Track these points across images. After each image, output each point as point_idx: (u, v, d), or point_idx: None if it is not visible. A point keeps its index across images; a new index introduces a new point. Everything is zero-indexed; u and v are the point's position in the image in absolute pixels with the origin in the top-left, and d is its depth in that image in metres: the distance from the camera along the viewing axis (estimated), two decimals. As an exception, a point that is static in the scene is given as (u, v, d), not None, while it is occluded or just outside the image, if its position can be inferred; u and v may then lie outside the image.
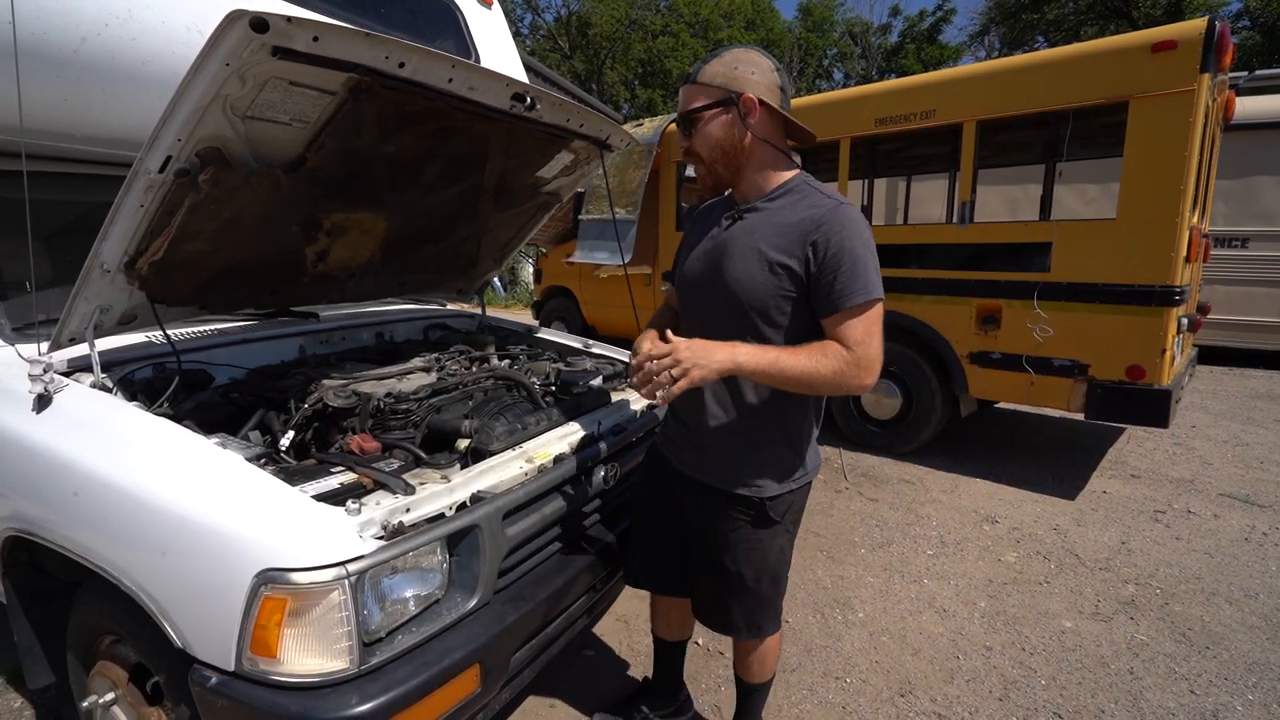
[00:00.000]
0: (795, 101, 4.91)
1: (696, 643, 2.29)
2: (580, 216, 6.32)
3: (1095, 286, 3.39)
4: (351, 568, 1.07)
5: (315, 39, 1.17)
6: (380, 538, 1.15)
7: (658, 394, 1.20)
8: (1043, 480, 3.86)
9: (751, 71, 1.28)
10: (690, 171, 6.65)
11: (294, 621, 1.05)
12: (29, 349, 1.48)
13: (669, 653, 1.86)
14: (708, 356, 1.19)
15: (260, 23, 1.08)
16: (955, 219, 3.85)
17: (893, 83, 4.15)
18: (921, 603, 2.58)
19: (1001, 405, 5.07)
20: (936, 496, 3.63)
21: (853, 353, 1.22)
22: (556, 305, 7.52)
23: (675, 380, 1.17)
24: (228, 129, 1.30)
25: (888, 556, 2.96)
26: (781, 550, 1.48)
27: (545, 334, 2.72)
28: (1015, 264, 3.65)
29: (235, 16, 1.07)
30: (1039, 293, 3.54)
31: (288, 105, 1.35)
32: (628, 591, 1.87)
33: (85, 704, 1.43)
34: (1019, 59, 3.66)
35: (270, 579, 1.04)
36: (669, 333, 1.24)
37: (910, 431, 4.19)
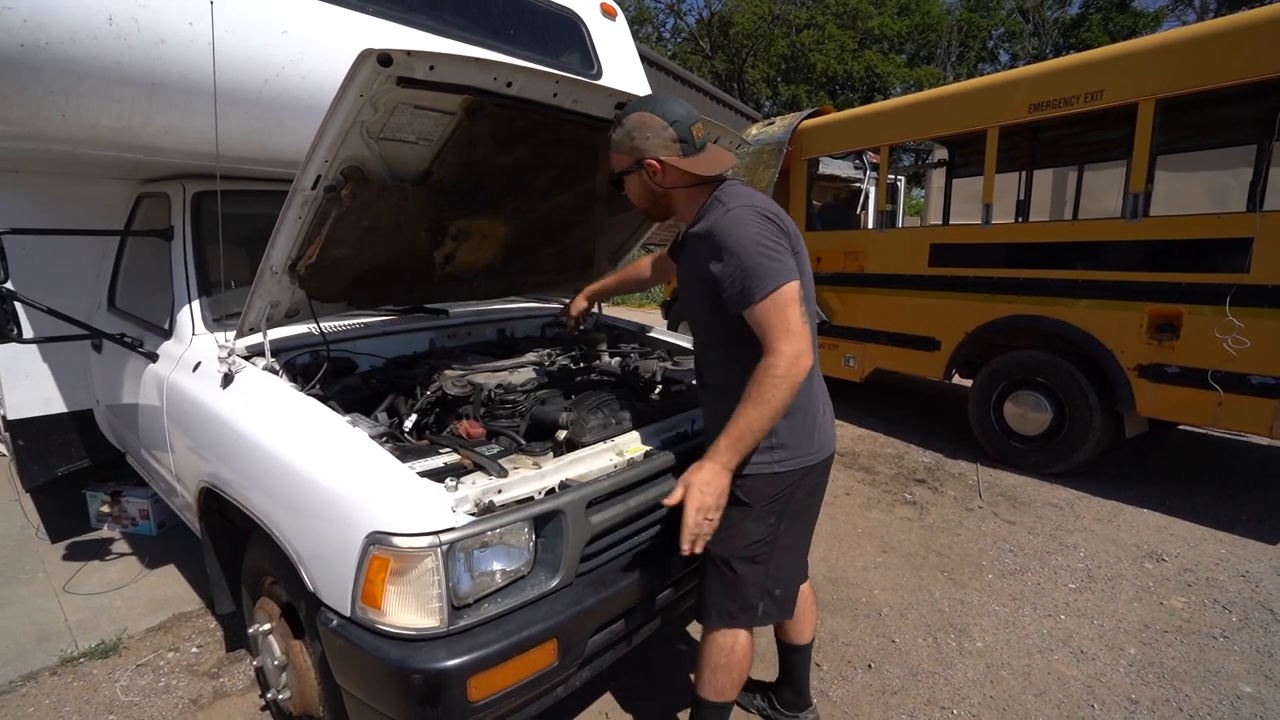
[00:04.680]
0: (930, 93, 4.60)
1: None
2: None
3: (1314, 290, 2.82)
4: (444, 538, 1.20)
5: (431, 68, 1.32)
6: (472, 514, 1.28)
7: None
8: (1234, 518, 3.28)
9: (647, 136, 1.39)
10: (823, 169, 6.42)
11: (395, 580, 1.20)
12: (222, 336, 1.82)
13: (787, 655, 1.84)
14: (711, 488, 1.27)
15: (386, 58, 1.25)
16: (1126, 213, 3.38)
17: (1049, 63, 3.72)
18: (1055, 640, 2.32)
19: (1188, 428, 4.38)
20: (1089, 525, 3.23)
21: (775, 351, 1.25)
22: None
23: (713, 522, 1.29)
24: (365, 150, 1.50)
25: (1020, 585, 2.68)
26: (749, 536, 1.44)
27: (656, 334, 2.79)
28: (1201, 263, 3.13)
29: (366, 54, 1.24)
30: (1233, 297, 3.02)
31: (414, 126, 1.53)
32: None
33: (250, 631, 1.72)
34: (1211, 24, 3.13)
35: (377, 540, 1.20)
36: (677, 490, 1.29)
37: (1062, 450, 3.75)
